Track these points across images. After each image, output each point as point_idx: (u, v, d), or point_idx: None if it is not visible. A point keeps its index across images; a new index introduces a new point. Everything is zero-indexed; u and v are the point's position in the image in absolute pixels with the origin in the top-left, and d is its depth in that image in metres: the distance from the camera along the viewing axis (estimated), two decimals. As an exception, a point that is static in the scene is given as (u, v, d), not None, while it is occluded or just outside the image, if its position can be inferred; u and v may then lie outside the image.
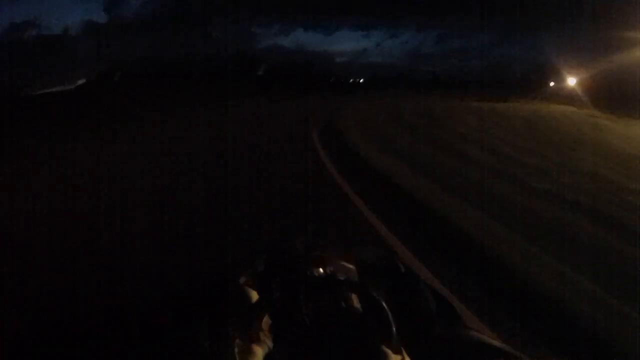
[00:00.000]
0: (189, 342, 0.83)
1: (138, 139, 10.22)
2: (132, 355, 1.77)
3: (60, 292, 2.53)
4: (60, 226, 3.91)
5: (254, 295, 0.86)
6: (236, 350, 0.72)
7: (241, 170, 6.05)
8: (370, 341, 0.71)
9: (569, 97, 21.20)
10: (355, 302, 0.81)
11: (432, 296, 0.88)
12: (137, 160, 7.31)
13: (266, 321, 0.80)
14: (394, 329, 0.73)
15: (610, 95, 17.61)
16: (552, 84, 25.84)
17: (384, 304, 0.77)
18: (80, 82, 38.56)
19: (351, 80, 51.12)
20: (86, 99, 21.18)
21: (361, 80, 51.15)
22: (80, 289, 2.58)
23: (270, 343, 0.76)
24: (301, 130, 10.12)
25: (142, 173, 6.19)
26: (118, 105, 17.45)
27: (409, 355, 0.70)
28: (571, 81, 23.03)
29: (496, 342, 0.85)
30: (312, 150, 7.38)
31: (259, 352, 0.73)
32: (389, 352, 0.68)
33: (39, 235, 3.65)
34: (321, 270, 0.88)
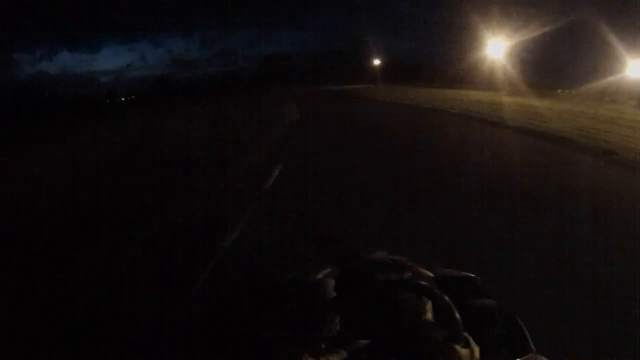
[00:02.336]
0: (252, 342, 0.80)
1: None
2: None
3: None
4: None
5: (331, 291, 0.86)
6: None
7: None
8: (438, 339, 0.75)
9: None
10: (428, 305, 0.82)
11: (504, 321, 0.88)
12: None
13: (337, 324, 0.79)
14: (461, 324, 0.77)
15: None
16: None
17: (452, 306, 0.80)
18: None
19: (123, 99, 46.42)
20: None
21: (122, 99, 46.37)
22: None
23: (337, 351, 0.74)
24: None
25: None
26: None
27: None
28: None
29: None
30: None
31: None
32: (457, 346, 0.73)
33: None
34: (400, 276, 0.90)
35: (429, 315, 0.77)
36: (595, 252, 3.39)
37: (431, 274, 0.89)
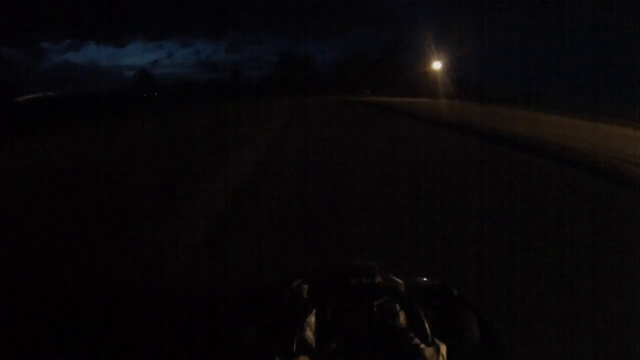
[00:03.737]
0: (236, 344, 0.85)
1: None
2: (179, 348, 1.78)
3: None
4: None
5: (305, 295, 0.89)
6: None
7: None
8: (406, 339, 0.78)
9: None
10: (398, 309, 0.84)
11: (480, 327, 0.88)
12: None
13: (312, 326, 0.82)
14: (427, 326, 0.79)
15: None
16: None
17: (419, 309, 0.82)
18: None
19: (145, 95, 46.58)
20: None
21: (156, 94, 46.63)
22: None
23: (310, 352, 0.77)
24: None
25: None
26: None
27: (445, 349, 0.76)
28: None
29: None
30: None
31: None
32: (423, 345, 0.76)
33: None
34: (371, 280, 0.91)
35: (402, 318, 0.83)
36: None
37: (401, 280, 0.95)
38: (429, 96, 27.55)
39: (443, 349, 0.75)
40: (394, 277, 0.94)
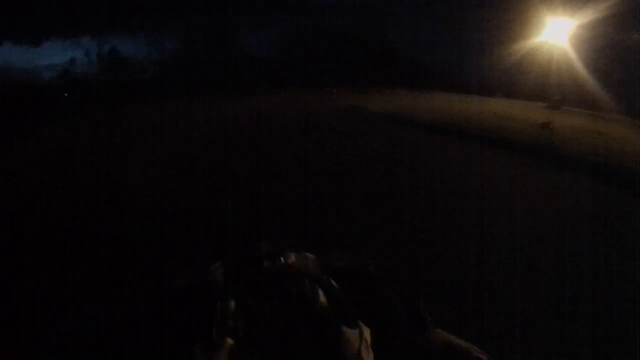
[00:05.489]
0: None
1: None
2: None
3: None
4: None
5: (220, 282, 0.89)
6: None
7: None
8: (328, 323, 0.76)
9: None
10: (316, 291, 0.83)
11: (401, 301, 0.89)
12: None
13: (232, 313, 0.80)
14: (348, 306, 0.79)
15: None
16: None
17: (340, 292, 0.82)
18: None
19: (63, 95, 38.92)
20: None
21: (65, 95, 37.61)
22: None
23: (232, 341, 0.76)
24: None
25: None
26: None
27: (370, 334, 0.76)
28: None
29: (462, 343, 0.93)
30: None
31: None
32: (346, 328, 0.76)
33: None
34: (284, 261, 0.89)
35: (323, 301, 0.83)
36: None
37: (314, 256, 0.95)
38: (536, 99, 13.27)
39: (367, 332, 0.76)
40: (308, 256, 0.94)
